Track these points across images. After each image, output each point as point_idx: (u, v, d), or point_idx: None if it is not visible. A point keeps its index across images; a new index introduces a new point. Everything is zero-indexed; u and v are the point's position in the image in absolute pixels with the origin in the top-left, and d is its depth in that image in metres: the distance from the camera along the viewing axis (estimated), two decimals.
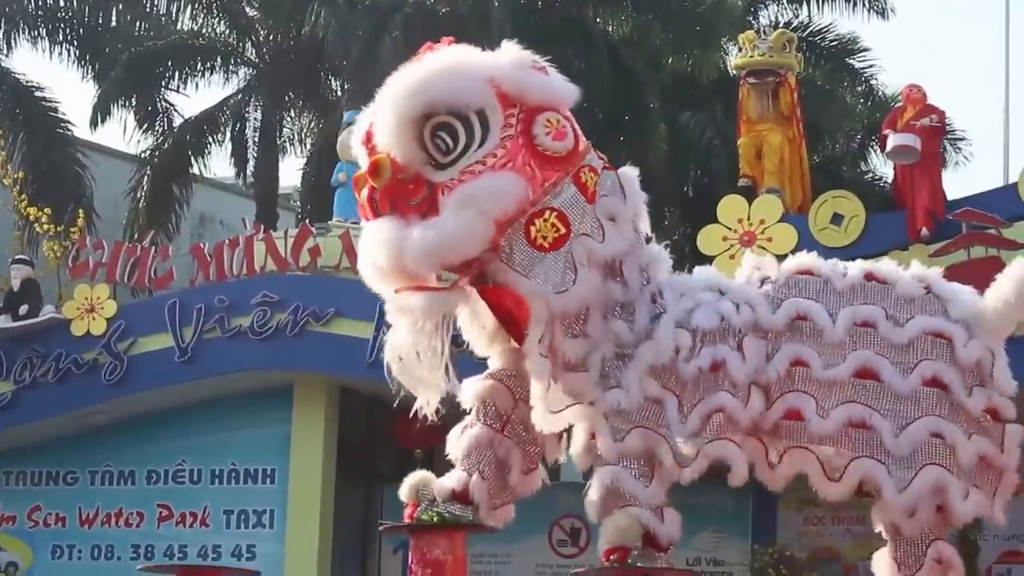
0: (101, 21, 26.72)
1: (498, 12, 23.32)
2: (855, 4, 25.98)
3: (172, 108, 26.93)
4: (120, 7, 26.71)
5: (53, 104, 25.64)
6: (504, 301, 7.08)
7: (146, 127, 26.48)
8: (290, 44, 26.21)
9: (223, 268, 17.66)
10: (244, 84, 26.89)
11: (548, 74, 7.32)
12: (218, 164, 27.30)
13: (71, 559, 18.06)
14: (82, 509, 18.08)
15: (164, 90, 26.70)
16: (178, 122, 26.80)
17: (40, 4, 26.37)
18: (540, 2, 25.81)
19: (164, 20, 27.04)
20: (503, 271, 7.06)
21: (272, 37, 26.67)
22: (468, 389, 7.48)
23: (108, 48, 26.38)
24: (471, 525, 7.34)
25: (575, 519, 17.32)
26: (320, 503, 17.23)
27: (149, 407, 17.81)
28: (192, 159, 26.31)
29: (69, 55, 26.41)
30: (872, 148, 26.28)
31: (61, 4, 26.55)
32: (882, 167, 25.79)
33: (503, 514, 7.49)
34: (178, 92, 26.79)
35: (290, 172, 28.03)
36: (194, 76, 26.46)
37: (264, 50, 26.81)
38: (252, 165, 26.57)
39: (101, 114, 25.54)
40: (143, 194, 25.52)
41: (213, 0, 26.45)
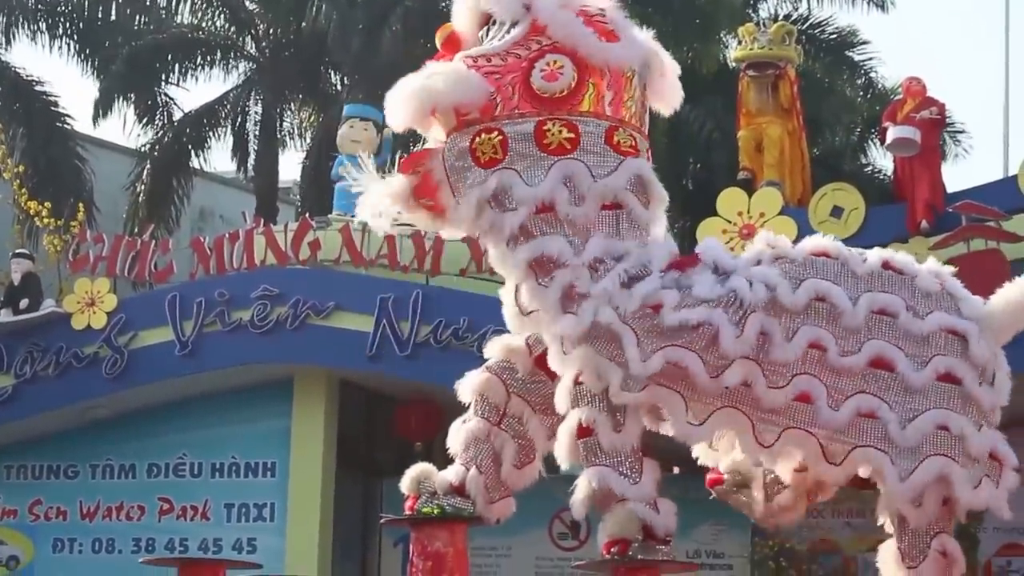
0: (101, 15, 26.74)
1: None
2: None
3: (172, 102, 26.99)
4: (120, 1, 26.73)
5: (53, 98, 25.70)
6: (427, 191, 7.47)
7: (146, 121, 26.53)
8: (290, 38, 26.23)
9: (223, 262, 17.67)
10: (244, 78, 26.90)
11: (605, 26, 7.44)
12: (218, 158, 27.34)
13: (72, 553, 18.07)
14: (83, 503, 18.10)
15: (164, 84, 26.72)
16: (178, 116, 26.84)
17: None
18: None
19: (164, 14, 27.08)
20: (437, 164, 7.39)
21: (272, 31, 26.70)
22: (466, 383, 7.54)
23: (108, 42, 26.42)
24: (472, 518, 7.36)
25: None
26: (320, 496, 17.24)
27: (150, 401, 17.82)
28: (192, 153, 26.34)
29: (69, 49, 26.46)
30: (872, 141, 26.31)
31: None
32: (882, 160, 25.84)
33: (502, 508, 7.50)
34: (178, 86, 26.84)
35: (290, 166, 28.11)
36: (194, 70, 26.50)
37: (264, 44, 26.83)
38: (252, 159, 26.59)
39: (104, 109, 25.58)
40: (143, 188, 25.56)
41: None
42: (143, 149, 26.31)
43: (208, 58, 26.54)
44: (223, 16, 26.88)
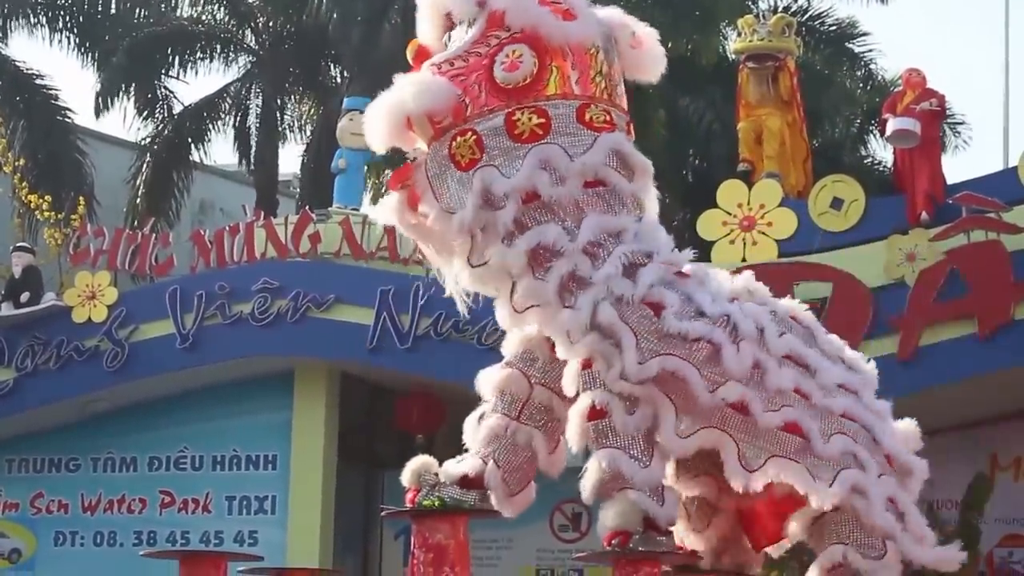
0: (100, 8, 26.72)
1: None
2: None
3: (172, 95, 26.95)
4: None
5: (53, 92, 25.67)
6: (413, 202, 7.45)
7: (146, 114, 26.49)
8: (290, 31, 26.21)
9: (224, 255, 17.68)
10: (244, 71, 26.89)
11: (560, 6, 7.43)
12: (218, 151, 27.35)
13: (74, 546, 18.10)
14: (84, 496, 18.13)
15: (164, 77, 26.70)
16: (178, 109, 26.82)
17: None
18: None
19: (163, 7, 27.05)
20: (421, 175, 7.41)
21: (272, 24, 26.67)
22: (486, 379, 7.53)
23: (108, 35, 26.38)
24: (473, 510, 7.36)
25: (576, 504, 17.28)
26: (321, 489, 17.27)
27: (150, 394, 17.84)
28: (192, 146, 26.33)
29: (69, 43, 26.43)
30: (872, 132, 26.26)
31: None
32: (882, 151, 25.81)
33: (521, 500, 7.49)
34: (178, 79, 26.82)
35: (290, 159, 28.09)
36: (194, 63, 26.46)
37: (264, 37, 26.81)
38: (252, 152, 26.57)
39: (105, 102, 25.57)
40: (143, 181, 25.54)
41: None
42: (143, 142, 26.29)
43: (208, 51, 26.51)
44: (223, 9, 26.86)
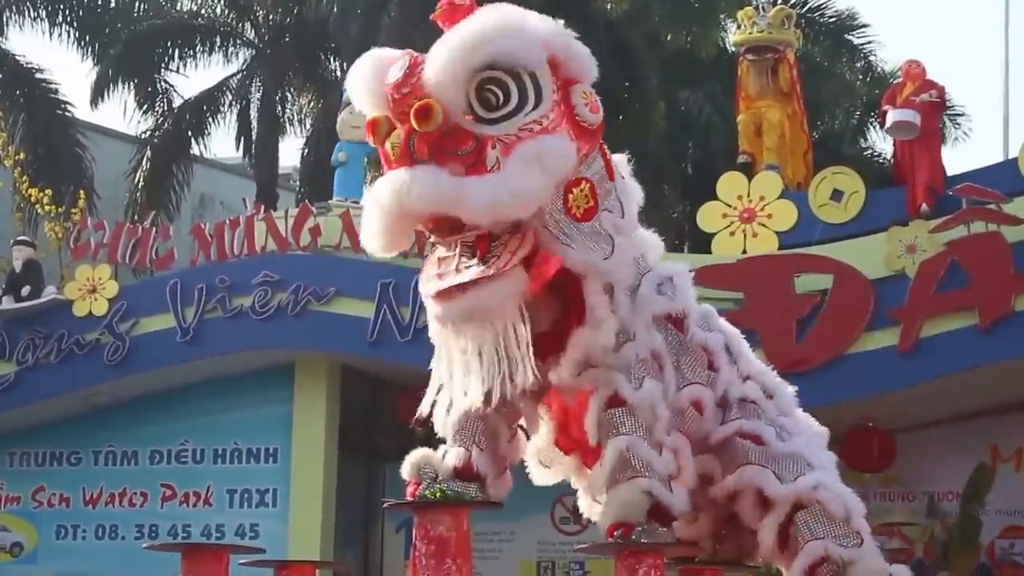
0: (100, 2, 26.72)
1: None
2: None
3: (172, 89, 26.97)
4: None
5: (53, 85, 25.68)
6: (545, 270, 6.86)
7: (146, 108, 26.51)
8: (289, 24, 26.22)
9: (224, 248, 17.69)
10: (244, 64, 26.90)
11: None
12: (218, 144, 27.36)
13: (75, 539, 18.12)
14: (86, 489, 18.14)
15: (164, 71, 26.72)
16: (178, 103, 26.83)
17: None
18: None
19: (163, 1, 27.05)
20: (548, 237, 6.88)
21: (271, 17, 26.68)
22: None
23: (107, 29, 26.39)
24: (474, 502, 7.37)
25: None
26: (322, 482, 17.28)
27: (151, 387, 17.85)
28: (192, 140, 26.34)
29: (68, 36, 26.43)
30: (871, 124, 26.31)
31: None
32: (881, 143, 25.86)
33: (505, 484, 7.51)
34: (177, 73, 26.83)
35: (290, 152, 28.11)
36: (193, 57, 26.49)
37: (263, 30, 26.82)
38: (252, 145, 26.59)
39: (100, 93, 25.56)
40: (143, 175, 25.56)
41: None
42: (143, 136, 26.31)
43: (208, 44, 26.53)
44: (222, 2, 26.88)
